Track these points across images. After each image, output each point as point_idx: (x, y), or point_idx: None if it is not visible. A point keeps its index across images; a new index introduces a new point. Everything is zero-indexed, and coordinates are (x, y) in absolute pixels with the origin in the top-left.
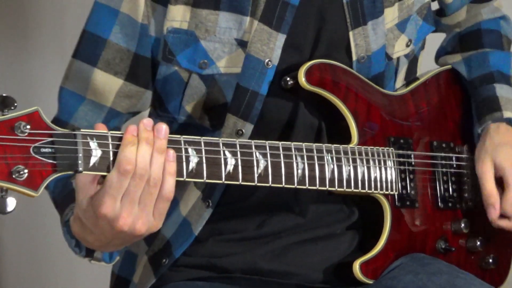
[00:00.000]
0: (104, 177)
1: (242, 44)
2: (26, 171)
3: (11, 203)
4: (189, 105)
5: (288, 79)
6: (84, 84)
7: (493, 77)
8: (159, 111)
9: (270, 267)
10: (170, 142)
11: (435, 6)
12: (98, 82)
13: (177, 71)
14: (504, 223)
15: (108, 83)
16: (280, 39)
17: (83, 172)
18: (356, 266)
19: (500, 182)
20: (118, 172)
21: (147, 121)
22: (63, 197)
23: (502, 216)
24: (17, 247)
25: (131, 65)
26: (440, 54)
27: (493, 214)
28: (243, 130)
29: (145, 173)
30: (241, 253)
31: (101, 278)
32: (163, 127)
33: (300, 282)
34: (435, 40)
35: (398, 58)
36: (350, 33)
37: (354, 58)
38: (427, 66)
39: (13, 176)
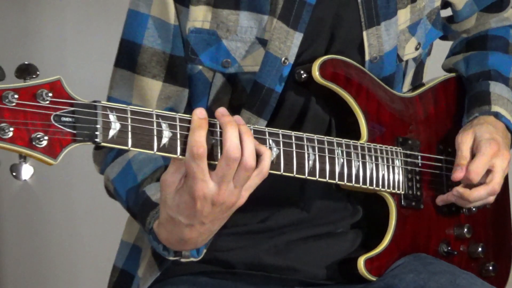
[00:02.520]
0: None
1: (262, 42)
2: (46, 138)
3: (27, 170)
4: (215, 106)
5: (302, 72)
6: (128, 91)
7: (490, 75)
8: (188, 111)
9: (273, 262)
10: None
11: (447, 12)
12: (139, 87)
13: (201, 71)
14: (461, 190)
15: (148, 87)
16: (297, 37)
17: (102, 143)
18: (361, 262)
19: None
20: (191, 156)
21: (223, 109)
22: (140, 206)
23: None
24: (17, 247)
25: (168, 67)
26: (448, 58)
27: (459, 173)
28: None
29: (237, 156)
30: (245, 247)
31: (101, 278)
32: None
33: (303, 278)
34: (442, 47)
35: (407, 61)
36: (364, 33)
37: (367, 57)
38: (434, 74)
39: (33, 143)
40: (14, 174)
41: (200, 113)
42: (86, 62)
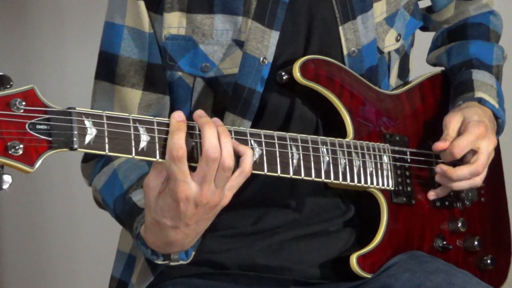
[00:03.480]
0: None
1: (239, 44)
2: (21, 146)
3: (6, 180)
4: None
5: (283, 73)
6: (109, 103)
7: (472, 64)
8: None
9: (267, 262)
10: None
11: (427, 3)
12: (119, 98)
13: (181, 77)
14: (445, 167)
15: (128, 97)
16: (273, 36)
17: (78, 149)
18: (353, 259)
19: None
20: (171, 159)
21: (200, 111)
22: (127, 212)
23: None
24: (17, 247)
25: (146, 75)
26: (431, 50)
27: (441, 143)
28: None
29: (217, 156)
30: (238, 248)
31: (101, 278)
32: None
33: (297, 277)
34: (426, 41)
35: (389, 53)
36: (340, 28)
37: (345, 52)
38: (420, 68)
39: (9, 152)
40: None
41: (178, 116)
42: (86, 69)
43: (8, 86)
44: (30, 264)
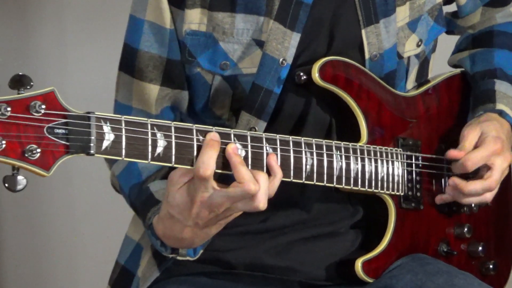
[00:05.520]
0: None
1: (259, 44)
2: (38, 150)
3: (21, 181)
4: (217, 107)
5: (301, 74)
6: (128, 95)
7: (495, 74)
8: (190, 111)
9: (274, 262)
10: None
11: (453, 8)
12: (138, 91)
13: (200, 73)
14: (458, 180)
15: (146, 91)
16: (294, 38)
17: (95, 155)
18: (358, 264)
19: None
20: (197, 176)
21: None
22: (143, 202)
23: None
24: (17, 247)
25: (164, 71)
26: (454, 53)
27: (455, 152)
28: (256, 128)
29: (254, 192)
30: (245, 247)
31: (101, 278)
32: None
33: (303, 279)
34: (448, 44)
35: (408, 58)
36: (363, 31)
37: (367, 56)
38: (440, 69)
39: (26, 155)
40: (6, 185)
41: (214, 135)
42: (87, 69)
43: (28, 87)
44: (30, 264)
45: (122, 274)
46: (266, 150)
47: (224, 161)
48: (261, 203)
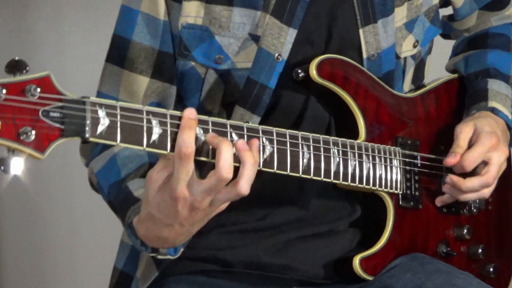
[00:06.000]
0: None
1: (255, 38)
2: (33, 132)
3: (17, 164)
4: (208, 102)
5: (299, 71)
6: (115, 86)
7: (489, 73)
8: (179, 108)
9: (272, 261)
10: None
11: (449, 11)
12: (127, 82)
13: (193, 67)
14: (455, 177)
15: (135, 82)
16: (291, 33)
17: (90, 139)
18: (356, 261)
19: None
20: (178, 156)
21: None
22: (122, 200)
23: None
24: (17, 247)
25: (155, 62)
26: (451, 58)
27: (451, 158)
28: (250, 122)
29: (230, 177)
30: (243, 246)
31: (101, 277)
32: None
33: (301, 277)
34: (444, 48)
35: (405, 59)
36: (360, 31)
37: (364, 55)
38: (437, 75)
39: (21, 137)
40: (2, 168)
41: (190, 113)
42: (85, 60)
43: (24, 72)
44: (30, 264)
45: (121, 279)
46: (263, 142)
47: (204, 146)
48: (243, 188)
